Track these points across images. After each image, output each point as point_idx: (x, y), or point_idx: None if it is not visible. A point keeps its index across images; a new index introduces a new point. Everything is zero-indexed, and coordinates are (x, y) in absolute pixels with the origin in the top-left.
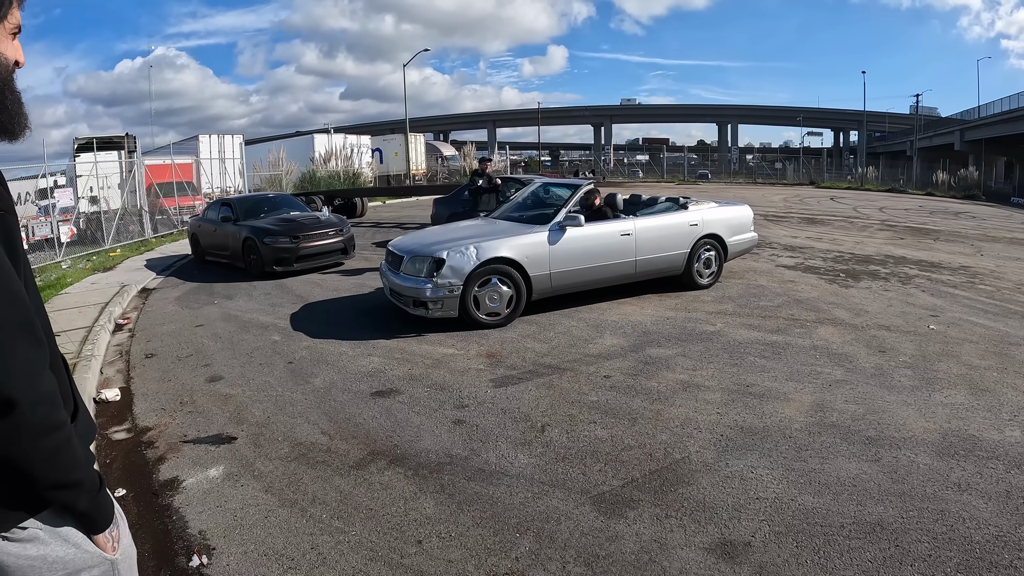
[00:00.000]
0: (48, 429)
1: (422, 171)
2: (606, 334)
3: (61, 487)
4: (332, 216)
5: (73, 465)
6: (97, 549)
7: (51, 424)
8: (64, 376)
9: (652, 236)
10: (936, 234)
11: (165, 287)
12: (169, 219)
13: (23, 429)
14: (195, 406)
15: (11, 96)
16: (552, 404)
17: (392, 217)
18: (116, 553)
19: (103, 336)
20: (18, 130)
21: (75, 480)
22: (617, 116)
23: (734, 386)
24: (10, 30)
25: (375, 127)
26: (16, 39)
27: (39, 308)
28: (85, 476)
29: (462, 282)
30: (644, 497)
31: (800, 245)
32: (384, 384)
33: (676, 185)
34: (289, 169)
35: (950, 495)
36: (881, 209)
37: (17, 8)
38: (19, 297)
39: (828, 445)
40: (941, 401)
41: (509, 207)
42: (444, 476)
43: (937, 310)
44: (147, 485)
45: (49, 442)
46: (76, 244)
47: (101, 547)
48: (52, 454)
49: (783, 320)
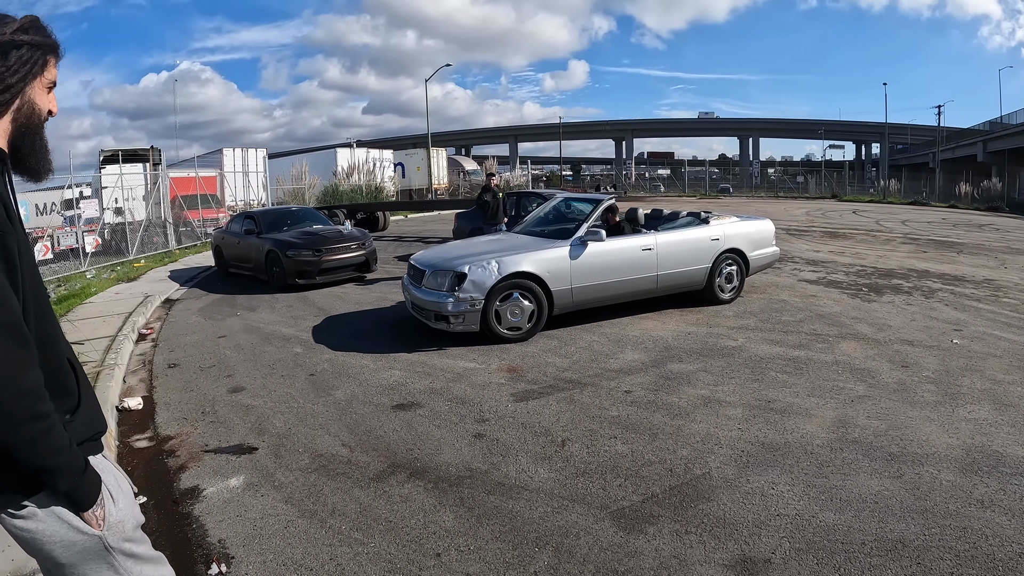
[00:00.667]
0: (30, 419)
1: (444, 185)
2: (627, 349)
3: (42, 471)
4: (354, 230)
5: (53, 452)
6: (85, 525)
7: (34, 414)
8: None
9: (673, 251)
10: (959, 247)
11: (188, 298)
12: (193, 231)
13: (5, 418)
14: (217, 416)
15: (40, 143)
16: (573, 419)
17: (414, 231)
18: (102, 529)
19: (126, 345)
20: (43, 173)
21: (55, 465)
22: (638, 130)
23: (755, 402)
24: (46, 84)
25: (397, 141)
26: (51, 92)
27: (44, 312)
28: (64, 462)
29: (484, 296)
30: (664, 513)
31: (822, 259)
32: (405, 397)
33: (697, 199)
34: (312, 183)
35: (973, 512)
36: (904, 222)
37: (54, 65)
38: (6, 302)
39: (850, 461)
40: (964, 416)
41: (531, 221)
42: (464, 489)
43: (960, 324)
44: (168, 493)
45: (31, 430)
46: (101, 254)
47: (88, 523)
48: (33, 440)
49: (805, 335)
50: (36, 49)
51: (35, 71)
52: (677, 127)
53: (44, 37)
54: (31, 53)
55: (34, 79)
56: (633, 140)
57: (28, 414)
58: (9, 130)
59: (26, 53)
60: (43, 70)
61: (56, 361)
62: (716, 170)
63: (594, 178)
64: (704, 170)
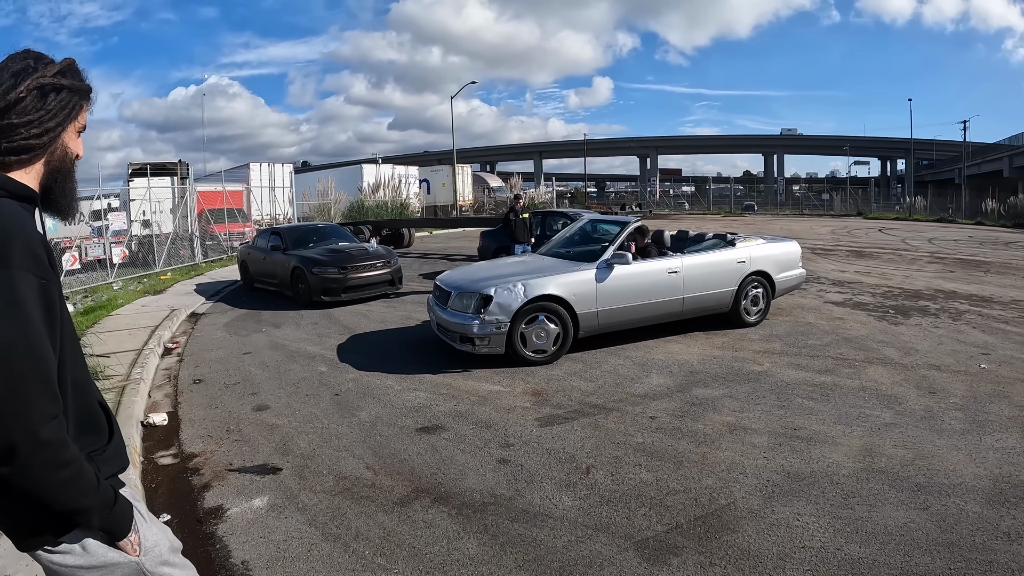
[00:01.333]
0: (56, 467)
1: (469, 202)
2: (652, 373)
3: (75, 512)
4: (380, 248)
5: (82, 494)
6: (122, 553)
7: (59, 463)
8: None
9: (699, 274)
10: (987, 266)
11: (214, 312)
12: (219, 245)
13: (29, 469)
14: (241, 434)
15: (70, 185)
16: (597, 445)
17: (439, 248)
18: (139, 555)
19: (152, 360)
20: (70, 213)
21: (85, 507)
22: (663, 147)
23: (781, 429)
24: (78, 128)
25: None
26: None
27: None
28: (94, 501)
29: (509, 319)
30: (688, 544)
31: (848, 280)
32: (429, 420)
33: (722, 217)
34: (338, 198)
35: (999, 545)
36: (930, 240)
37: (86, 110)
38: (44, 358)
39: (876, 492)
40: (992, 445)
41: (556, 243)
42: (488, 516)
43: (989, 347)
44: (192, 512)
45: (58, 478)
46: (128, 266)
47: (124, 550)
48: (62, 487)
49: (831, 360)
50: (73, 94)
51: (72, 115)
52: (701, 144)
53: (80, 82)
54: (69, 98)
55: (70, 124)
56: (657, 157)
57: (54, 464)
58: (42, 173)
59: (65, 98)
60: (78, 115)
61: (89, 403)
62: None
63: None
64: (729, 187)
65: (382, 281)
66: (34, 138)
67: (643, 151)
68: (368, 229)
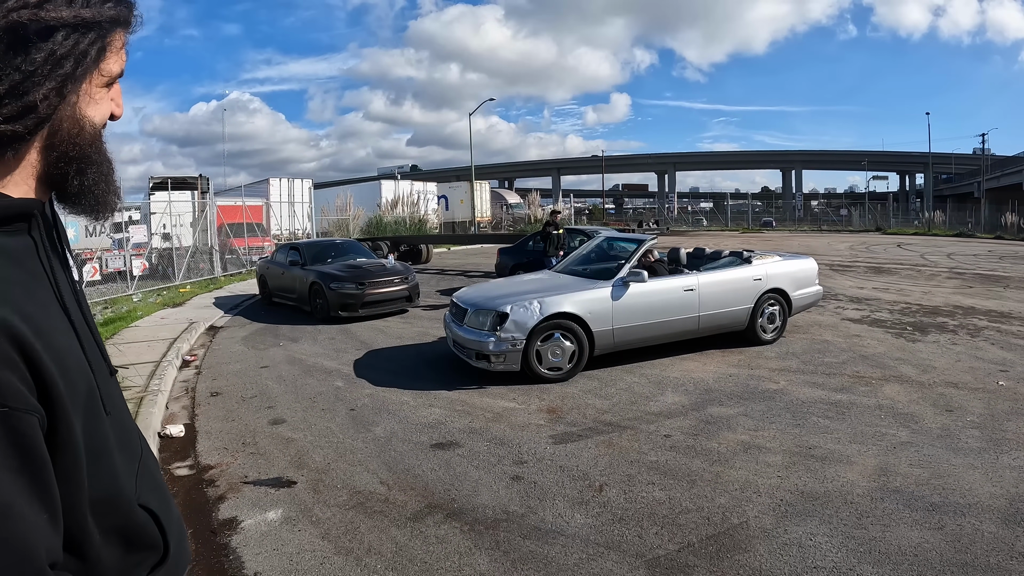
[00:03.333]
0: None
1: (487, 218)
2: (667, 391)
3: None
4: (397, 264)
5: None
6: None
7: None
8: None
9: (715, 291)
10: (1006, 281)
11: (232, 326)
12: (238, 259)
13: None
14: (257, 447)
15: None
16: (611, 463)
17: (457, 264)
18: None
19: (170, 372)
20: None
21: None
22: (680, 164)
23: (796, 448)
24: (103, 81)
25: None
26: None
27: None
28: None
29: (525, 336)
30: (700, 563)
31: (866, 296)
32: (444, 436)
33: (740, 233)
34: (356, 214)
35: (1015, 566)
36: (949, 255)
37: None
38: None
39: (890, 512)
40: (1009, 464)
41: (572, 260)
42: (500, 532)
43: (1007, 364)
44: (206, 523)
45: None
46: (147, 278)
47: None
48: None
49: (848, 377)
50: (85, 31)
51: (83, 67)
52: (719, 160)
53: (100, 4)
54: (76, 41)
55: (81, 81)
56: (676, 173)
57: None
58: (39, 164)
59: (65, 42)
60: (99, 60)
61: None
62: (759, 203)
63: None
64: (747, 203)
65: (399, 297)
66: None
67: (661, 167)
68: (386, 245)
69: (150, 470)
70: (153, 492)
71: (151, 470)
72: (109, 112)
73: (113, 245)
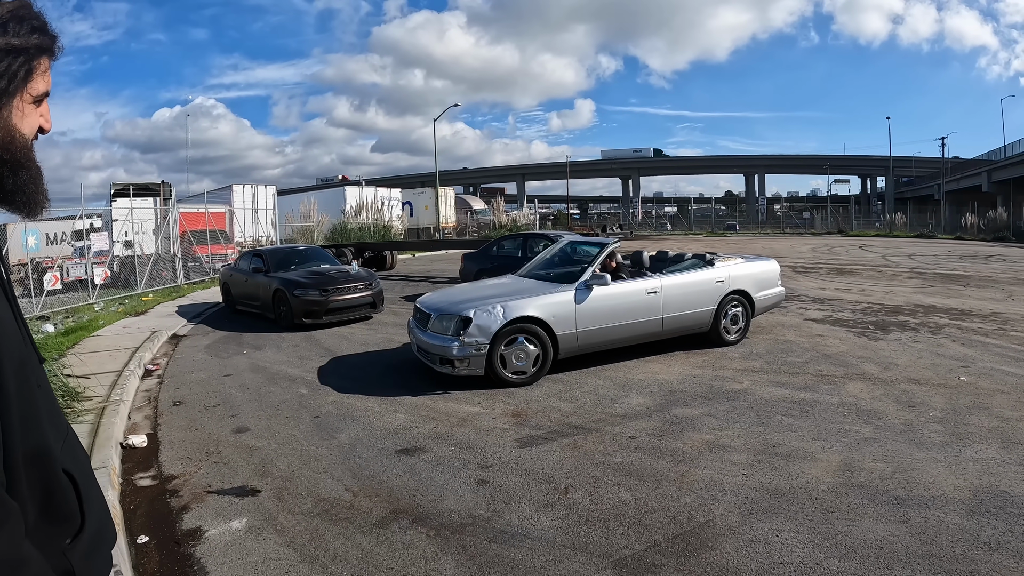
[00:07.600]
0: None
1: (452, 224)
2: (632, 393)
3: None
4: (361, 270)
5: None
6: None
7: None
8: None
9: (679, 294)
10: (966, 280)
11: (195, 334)
12: (201, 266)
13: None
14: (220, 456)
15: (25, 175)
16: (576, 465)
17: (421, 270)
18: None
19: (132, 381)
20: (36, 208)
21: None
22: (645, 169)
23: (760, 446)
24: (32, 97)
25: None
26: (42, 104)
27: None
28: None
29: (489, 341)
30: (667, 562)
31: (829, 297)
32: (409, 442)
33: (704, 237)
34: (321, 220)
35: (980, 555)
36: (910, 256)
37: (47, 70)
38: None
39: (855, 506)
40: (972, 456)
41: (536, 264)
42: (466, 537)
43: (968, 360)
44: (170, 533)
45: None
46: (109, 286)
47: None
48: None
49: (811, 376)
50: (16, 55)
51: (12, 87)
52: (684, 165)
53: (26, 35)
54: (8, 64)
55: (12, 98)
56: (640, 178)
57: None
58: None
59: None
60: (27, 80)
61: (47, 481)
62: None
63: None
64: (711, 207)
65: (364, 304)
66: None
67: (625, 172)
68: (350, 251)
69: (74, 448)
70: (75, 464)
71: (75, 449)
72: (38, 126)
73: (74, 253)
